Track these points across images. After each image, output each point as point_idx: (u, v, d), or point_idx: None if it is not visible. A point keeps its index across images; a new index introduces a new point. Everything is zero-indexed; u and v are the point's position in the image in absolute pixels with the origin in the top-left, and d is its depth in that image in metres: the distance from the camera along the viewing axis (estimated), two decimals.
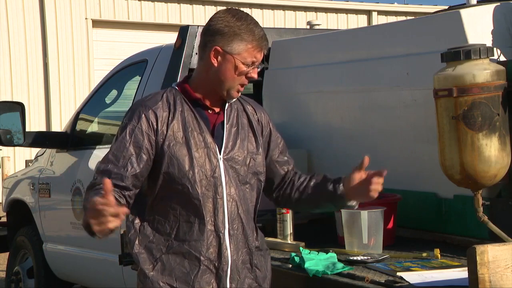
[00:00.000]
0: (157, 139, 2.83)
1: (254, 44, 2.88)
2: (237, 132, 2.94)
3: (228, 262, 2.85)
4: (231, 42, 2.87)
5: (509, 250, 2.66)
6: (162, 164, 2.83)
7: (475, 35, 3.69)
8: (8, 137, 5.58)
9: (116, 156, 2.82)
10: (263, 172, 2.99)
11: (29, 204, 6.49)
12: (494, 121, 3.31)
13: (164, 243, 2.85)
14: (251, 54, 2.88)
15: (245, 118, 3.00)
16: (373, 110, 4.28)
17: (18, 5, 14.37)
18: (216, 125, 2.92)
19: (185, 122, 2.87)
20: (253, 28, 2.89)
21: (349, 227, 3.65)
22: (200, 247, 2.83)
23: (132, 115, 2.87)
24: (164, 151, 2.83)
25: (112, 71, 5.93)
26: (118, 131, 2.90)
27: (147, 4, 15.59)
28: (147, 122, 2.84)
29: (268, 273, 3.01)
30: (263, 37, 2.91)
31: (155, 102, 2.89)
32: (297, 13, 17.33)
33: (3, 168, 11.43)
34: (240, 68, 2.87)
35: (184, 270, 2.83)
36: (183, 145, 2.84)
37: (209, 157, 2.85)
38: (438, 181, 3.74)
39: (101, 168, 2.83)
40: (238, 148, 2.91)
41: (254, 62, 2.89)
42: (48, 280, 6.33)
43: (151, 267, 2.85)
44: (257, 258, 2.96)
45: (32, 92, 14.43)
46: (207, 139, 2.86)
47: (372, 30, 5.21)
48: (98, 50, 15.10)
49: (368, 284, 3.11)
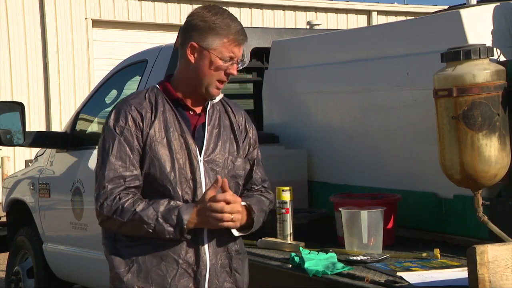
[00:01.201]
0: (142, 139, 2.80)
1: (230, 38, 2.82)
2: (218, 133, 2.90)
3: (207, 266, 2.81)
4: (206, 37, 2.83)
5: (509, 250, 2.66)
6: (143, 165, 2.79)
7: (475, 35, 3.69)
8: (8, 137, 5.58)
9: (121, 158, 2.78)
10: (242, 176, 2.94)
11: (29, 204, 6.49)
12: (494, 121, 3.30)
13: (141, 244, 2.79)
14: (227, 49, 2.83)
15: (227, 120, 2.95)
16: (373, 110, 4.28)
17: (18, 5, 14.37)
18: (197, 127, 2.87)
19: (167, 123, 2.82)
20: (229, 22, 2.84)
21: (349, 227, 3.65)
22: (179, 250, 2.78)
23: (118, 116, 2.82)
24: (146, 151, 2.79)
25: (112, 71, 5.93)
26: (105, 132, 2.84)
27: (147, 4, 15.59)
28: (134, 123, 2.80)
29: (245, 277, 2.98)
30: (240, 31, 2.85)
31: (139, 102, 2.85)
32: (297, 13, 17.33)
33: (3, 168, 11.43)
34: (217, 63, 2.82)
35: (160, 272, 2.78)
36: (164, 146, 2.80)
37: (190, 159, 2.81)
38: (438, 181, 3.74)
39: (110, 175, 2.76)
40: (219, 150, 2.87)
41: (232, 57, 2.84)
42: (48, 280, 6.33)
43: (126, 269, 2.79)
44: (236, 262, 2.92)
45: (32, 92, 14.44)
46: (188, 141, 2.82)
47: (372, 30, 5.21)
48: (98, 50, 15.11)
49: (368, 284, 3.11)
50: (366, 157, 4.33)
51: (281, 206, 3.91)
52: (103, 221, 2.80)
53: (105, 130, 2.85)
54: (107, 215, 2.75)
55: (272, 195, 3.07)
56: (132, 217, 2.72)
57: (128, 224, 2.74)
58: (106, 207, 2.75)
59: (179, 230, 2.72)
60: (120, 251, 2.82)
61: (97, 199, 2.78)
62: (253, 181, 3.01)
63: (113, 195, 2.75)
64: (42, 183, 6.22)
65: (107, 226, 2.82)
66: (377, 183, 4.21)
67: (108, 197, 2.75)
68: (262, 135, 4.89)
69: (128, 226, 2.75)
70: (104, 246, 2.90)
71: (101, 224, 2.83)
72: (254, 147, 3.03)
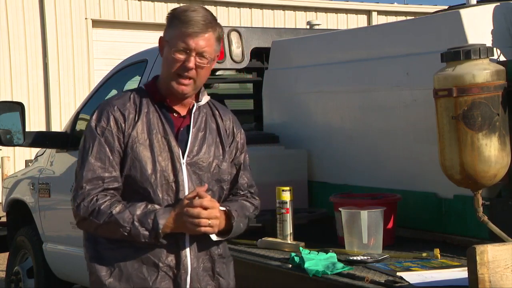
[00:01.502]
0: (124, 140, 2.76)
1: (185, 28, 2.72)
2: (204, 136, 2.85)
3: (188, 270, 2.78)
4: (168, 29, 2.79)
5: (509, 250, 2.66)
6: (124, 167, 2.76)
7: (475, 35, 3.69)
8: (8, 137, 5.57)
9: (100, 159, 2.74)
10: (227, 180, 2.90)
11: (29, 204, 6.49)
12: (494, 121, 3.30)
13: (122, 248, 2.76)
14: (181, 40, 2.73)
15: (214, 123, 2.90)
16: (373, 110, 4.28)
17: (18, 5, 14.37)
18: (181, 129, 2.83)
19: (150, 124, 2.78)
20: (190, 14, 2.74)
21: (349, 227, 3.65)
22: (159, 253, 2.76)
23: (100, 116, 2.78)
24: (127, 153, 2.75)
25: (112, 71, 5.93)
26: (87, 132, 2.80)
27: (147, 4, 15.59)
28: (116, 124, 2.76)
29: (231, 281, 2.96)
30: (196, 22, 2.72)
31: (123, 103, 2.81)
32: (297, 13, 17.33)
33: (3, 168, 11.43)
34: (171, 55, 2.74)
35: (141, 276, 2.75)
36: (146, 147, 2.76)
37: (172, 162, 2.77)
38: (438, 181, 3.74)
39: (89, 176, 2.73)
40: (203, 153, 2.82)
41: (186, 48, 2.73)
42: (48, 280, 6.33)
43: (108, 273, 2.77)
44: (220, 266, 2.89)
45: (32, 92, 14.44)
46: (171, 143, 2.78)
47: (372, 30, 5.20)
48: (98, 50, 15.11)
49: (368, 284, 3.10)
50: (366, 157, 4.33)
51: (281, 206, 3.91)
52: (79, 221, 2.77)
53: (86, 130, 2.81)
54: (83, 216, 2.73)
55: (258, 201, 3.03)
56: (108, 220, 2.70)
57: (104, 226, 2.72)
58: (83, 208, 2.72)
59: (154, 234, 2.69)
60: (101, 254, 2.80)
61: (74, 199, 2.75)
62: (238, 186, 2.98)
63: (90, 196, 2.72)
64: (42, 183, 6.23)
65: (84, 227, 2.79)
66: (377, 183, 4.21)
67: (85, 198, 2.72)
68: (262, 135, 4.92)
69: (104, 228, 2.72)
70: (84, 248, 2.87)
71: (78, 224, 2.80)
72: (242, 152, 2.99)
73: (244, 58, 5.04)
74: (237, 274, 3.05)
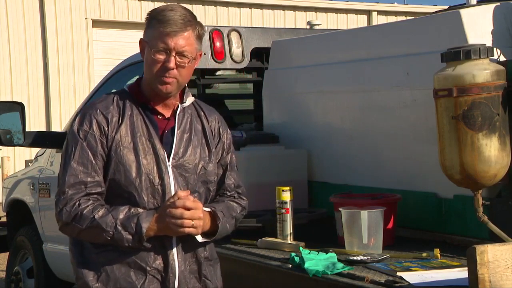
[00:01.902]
0: (107, 144, 2.72)
1: (163, 27, 2.70)
2: (189, 138, 2.82)
3: (176, 273, 2.76)
4: (147, 30, 2.77)
5: (509, 250, 2.66)
6: (108, 171, 2.72)
7: (475, 35, 3.69)
8: (8, 137, 5.57)
9: (83, 163, 2.71)
10: (213, 182, 2.87)
11: (29, 204, 6.49)
12: (494, 121, 3.30)
13: (109, 252, 2.73)
14: (160, 39, 2.70)
15: (199, 124, 2.87)
16: (373, 110, 4.28)
17: (18, 5, 14.37)
18: (166, 131, 2.80)
19: (134, 127, 2.75)
20: (167, 13, 2.71)
21: (349, 227, 3.65)
22: (146, 257, 2.73)
23: (82, 120, 2.75)
24: (111, 156, 2.72)
25: (112, 71, 5.93)
26: (69, 136, 2.77)
27: (147, 4, 15.57)
28: (99, 127, 2.73)
29: (219, 283, 2.94)
30: (175, 21, 2.70)
31: (106, 106, 2.77)
32: (297, 13, 17.33)
33: (3, 168, 11.43)
34: (152, 55, 2.72)
35: (129, 280, 2.73)
36: (131, 150, 2.72)
37: (158, 164, 2.74)
38: (438, 181, 3.74)
39: (71, 180, 2.70)
40: (189, 155, 2.79)
41: (166, 49, 2.71)
42: (48, 280, 6.33)
43: (95, 278, 2.74)
44: (207, 268, 2.87)
45: (32, 92, 14.44)
46: (155, 145, 2.75)
47: (372, 30, 5.20)
48: (98, 50, 15.11)
49: (368, 284, 3.10)
50: (366, 157, 4.33)
51: (281, 206, 3.91)
52: (62, 227, 2.75)
53: (69, 134, 2.78)
54: (66, 221, 2.71)
55: (246, 201, 3.00)
56: (90, 224, 2.67)
57: (87, 231, 2.69)
58: (65, 213, 2.70)
59: (137, 238, 2.67)
60: (87, 259, 2.77)
61: (57, 204, 2.73)
62: (225, 186, 2.95)
63: (72, 201, 2.69)
64: (42, 183, 6.22)
65: (67, 232, 2.77)
66: (377, 183, 4.21)
67: (67, 203, 2.70)
68: (262, 135, 4.92)
69: (87, 232, 2.70)
70: (70, 253, 2.85)
71: (61, 229, 2.77)
72: (228, 152, 2.96)
73: (244, 58, 5.04)
74: (238, 274, 3.05)
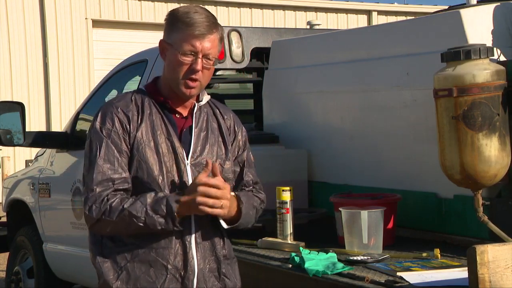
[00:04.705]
0: (130, 142, 2.74)
1: (190, 30, 2.71)
2: (206, 136, 2.84)
3: (195, 271, 2.76)
4: (171, 32, 2.77)
5: (509, 250, 2.66)
6: (131, 168, 2.74)
7: (475, 35, 3.69)
8: (8, 137, 5.58)
9: (109, 160, 2.72)
10: (231, 179, 2.88)
11: (29, 204, 6.49)
12: (494, 121, 3.30)
13: (129, 250, 2.74)
14: (187, 42, 2.71)
15: (215, 123, 2.90)
16: (373, 110, 4.28)
17: (18, 5, 14.37)
18: (184, 130, 2.82)
19: (154, 126, 2.77)
20: (193, 15, 2.72)
21: (349, 227, 3.65)
22: (167, 255, 2.73)
23: (104, 118, 2.76)
24: (134, 154, 2.74)
25: (112, 71, 5.93)
26: (92, 135, 2.78)
27: (147, 4, 15.59)
28: (121, 125, 2.75)
29: (238, 282, 2.94)
30: (200, 24, 2.71)
31: (125, 104, 2.79)
32: (297, 13, 17.33)
33: (3, 168, 11.43)
34: (178, 58, 2.72)
35: (149, 279, 2.73)
36: (152, 149, 2.74)
37: (177, 163, 2.76)
38: (438, 181, 3.74)
39: (99, 178, 2.71)
40: (206, 153, 2.81)
41: (193, 51, 2.72)
42: (48, 280, 6.33)
43: (115, 277, 2.75)
44: (225, 267, 2.87)
45: (32, 92, 14.43)
46: (175, 144, 2.77)
47: (372, 30, 5.21)
48: (98, 50, 15.11)
49: (368, 284, 3.10)
50: (366, 157, 4.33)
51: (281, 206, 3.91)
52: (93, 224, 2.74)
53: (91, 133, 2.78)
54: (96, 217, 2.70)
55: (264, 195, 3.02)
56: (121, 215, 2.67)
57: (118, 223, 2.69)
58: (95, 210, 2.70)
59: (170, 219, 2.67)
60: (107, 258, 2.78)
61: (86, 202, 2.73)
62: (244, 183, 2.97)
63: (101, 197, 2.70)
64: (42, 183, 6.23)
65: (98, 229, 2.77)
66: (377, 183, 4.21)
67: (96, 200, 2.70)
68: (262, 135, 4.92)
69: (118, 224, 2.69)
70: (91, 252, 2.85)
71: (92, 228, 2.77)
72: (244, 149, 2.98)
73: (244, 58, 5.04)
74: None
